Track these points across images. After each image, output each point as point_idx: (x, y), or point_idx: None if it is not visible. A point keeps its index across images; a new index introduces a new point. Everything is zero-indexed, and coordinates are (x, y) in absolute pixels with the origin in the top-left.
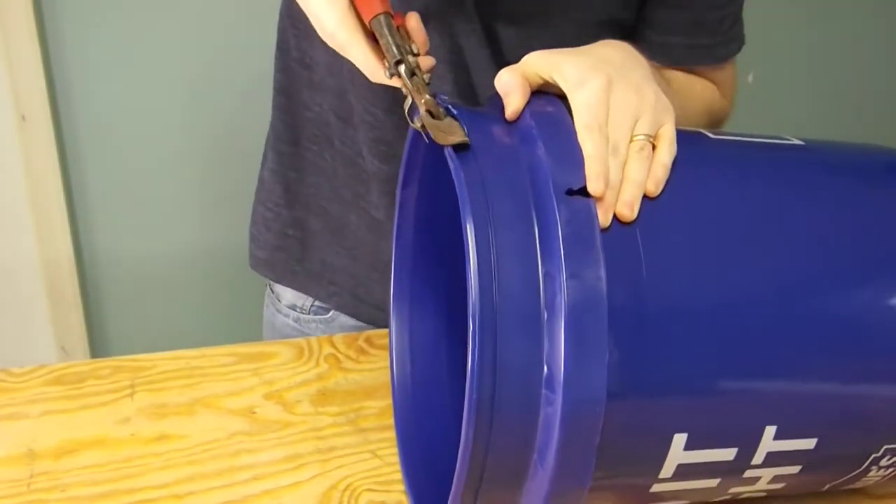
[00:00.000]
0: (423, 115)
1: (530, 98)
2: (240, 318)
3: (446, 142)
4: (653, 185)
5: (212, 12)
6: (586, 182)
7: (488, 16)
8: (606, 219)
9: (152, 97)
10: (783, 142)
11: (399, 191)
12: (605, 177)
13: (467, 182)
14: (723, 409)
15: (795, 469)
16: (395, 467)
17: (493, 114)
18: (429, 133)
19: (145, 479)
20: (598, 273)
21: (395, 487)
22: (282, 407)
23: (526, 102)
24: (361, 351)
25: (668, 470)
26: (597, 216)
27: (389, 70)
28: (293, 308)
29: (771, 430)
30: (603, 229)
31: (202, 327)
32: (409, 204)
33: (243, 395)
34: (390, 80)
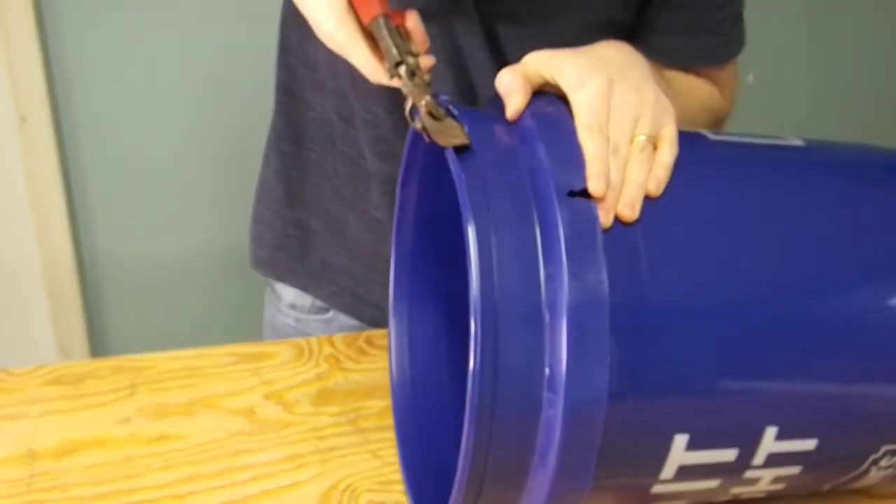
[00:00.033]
0: (424, 116)
1: (531, 98)
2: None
3: (447, 143)
4: (654, 186)
5: (213, 12)
6: (587, 182)
7: (488, 16)
8: (608, 219)
9: (152, 97)
10: (783, 142)
11: (399, 190)
12: (606, 177)
13: (468, 183)
14: (724, 409)
15: (796, 470)
16: (395, 467)
17: (493, 114)
18: (429, 134)
19: (145, 479)
20: (600, 274)
21: (395, 487)
22: (282, 407)
23: (527, 103)
24: (361, 351)
25: (668, 471)
26: (598, 217)
27: (389, 71)
28: (293, 308)
29: (772, 431)
30: (604, 230)
31: (202, 327)
32: (409, 204)
33: (243, 395)
34: (390, 81)
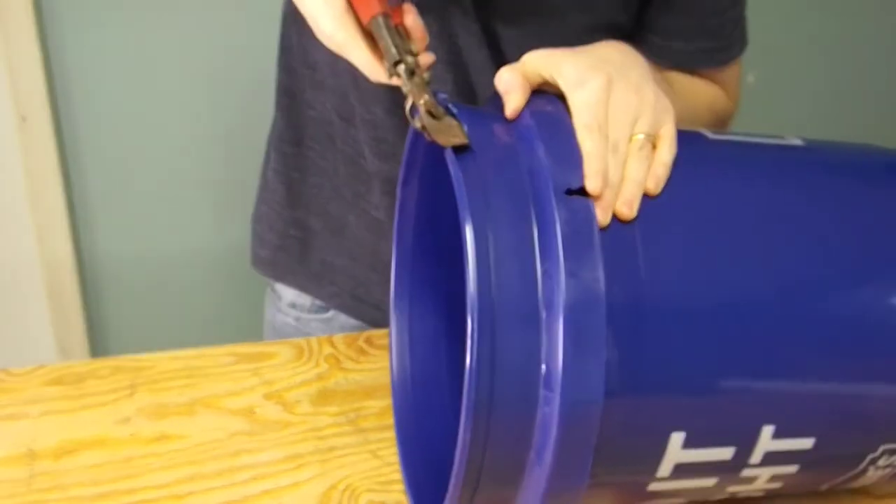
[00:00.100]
0: (423, 115)
1: (530, 97)
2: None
3: (446, 143)
4: (653, 184)
5: (213, 12)
6: (585, 180)
7: (487, 15)
8: (605, 218)
9: (153, 97)
10: (783, 142)
11: (399, 189)
12: (604, 175)
13: (466, 183)
14: (721, 408)
15: (793, 468)
16: (395, 467)
17: (492, 113)
18: (429, 133)
19: (145, 479)
20: (597, 272)
21: (394, 487)
22: (282, 407)
23: (526, 101)
24: (361, 351)
25: (665, 469)
26: (596, 215)
27: (388, 70)
28: (293, 307)
29: (769, 430)
30: (602, 228)
31: (202, 327)
32: (410, 203)
33: (243, 395)
34: (390, 80)
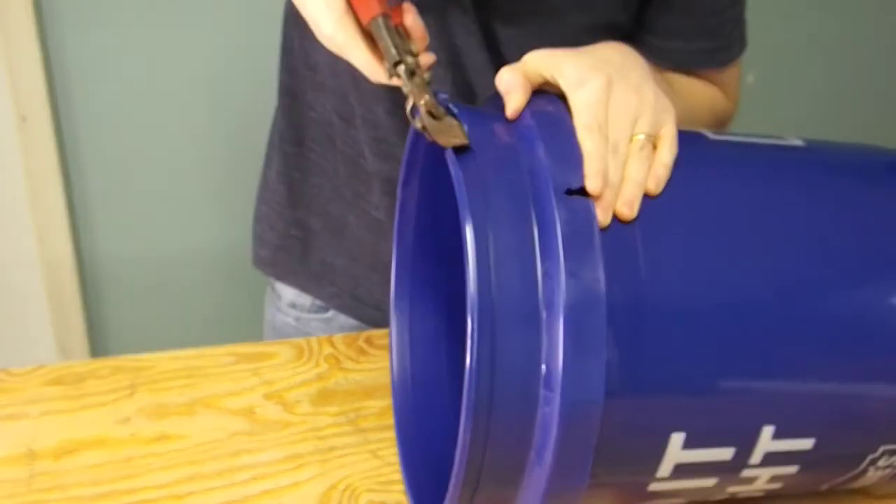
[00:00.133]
0: (424, 116)
1: (531, 97)
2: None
3: (447, 143)
4: (653, 185)
5: (213, 13)
6: (585, 180)
7: (486, 16)
8: (606, 218)
9: (152, 97)
10: (783, 142)
11: (400, 189)
12: (604, 175)
13: (467, 183)
14: (721, 408)
15: (793, 469)
16: (395, 467)
17: (493, 113)
18: (429, 133)
19: (145, 479)
20: (597, 272)
21: (394, 487)
22: (282, 407)
23: (526, 101)
24: (361, 351)
25: (665, 469)
26: (596, 215)
27: (389, 71)
28: (293, 306)
29: (769, 430)
30: (602, 228)
31: (202, 327)
32: (410, 203)
33: (243, 395)
34: (390, 81)
